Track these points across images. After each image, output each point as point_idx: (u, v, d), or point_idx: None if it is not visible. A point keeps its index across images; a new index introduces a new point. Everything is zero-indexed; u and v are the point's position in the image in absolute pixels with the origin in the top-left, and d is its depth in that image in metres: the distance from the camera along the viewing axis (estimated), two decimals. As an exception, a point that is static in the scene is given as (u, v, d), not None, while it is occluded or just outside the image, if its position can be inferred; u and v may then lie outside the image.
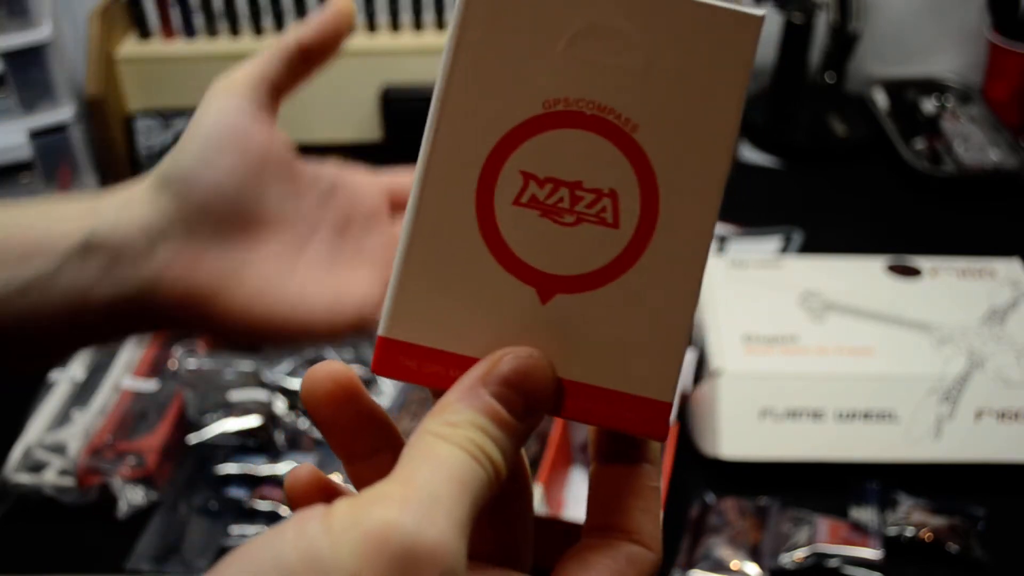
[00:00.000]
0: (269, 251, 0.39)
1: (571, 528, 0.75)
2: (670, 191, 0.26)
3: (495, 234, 0.26)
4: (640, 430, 0.27)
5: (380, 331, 0.26)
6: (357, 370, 0.89)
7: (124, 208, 0.38)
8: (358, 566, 0.21)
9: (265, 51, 0.40)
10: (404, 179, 0.45)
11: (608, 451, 0.29)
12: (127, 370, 0.88)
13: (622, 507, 0.28)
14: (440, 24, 1.16)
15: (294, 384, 0.85)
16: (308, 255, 0.40)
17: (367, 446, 0.27)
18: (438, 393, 0.26)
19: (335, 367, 0.26)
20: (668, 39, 0.25)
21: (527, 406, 0.25)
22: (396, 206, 0.44)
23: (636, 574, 0.27)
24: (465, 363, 0.26)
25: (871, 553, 0.72)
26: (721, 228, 1.10)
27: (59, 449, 0.80)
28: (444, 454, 0.24)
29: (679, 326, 0.26)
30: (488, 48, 0.25)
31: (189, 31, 1.16)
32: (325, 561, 0.21)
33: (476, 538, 0.24)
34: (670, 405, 0.27)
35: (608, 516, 0.28)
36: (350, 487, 0.27)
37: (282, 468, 0.79)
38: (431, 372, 0.26)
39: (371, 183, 0.44)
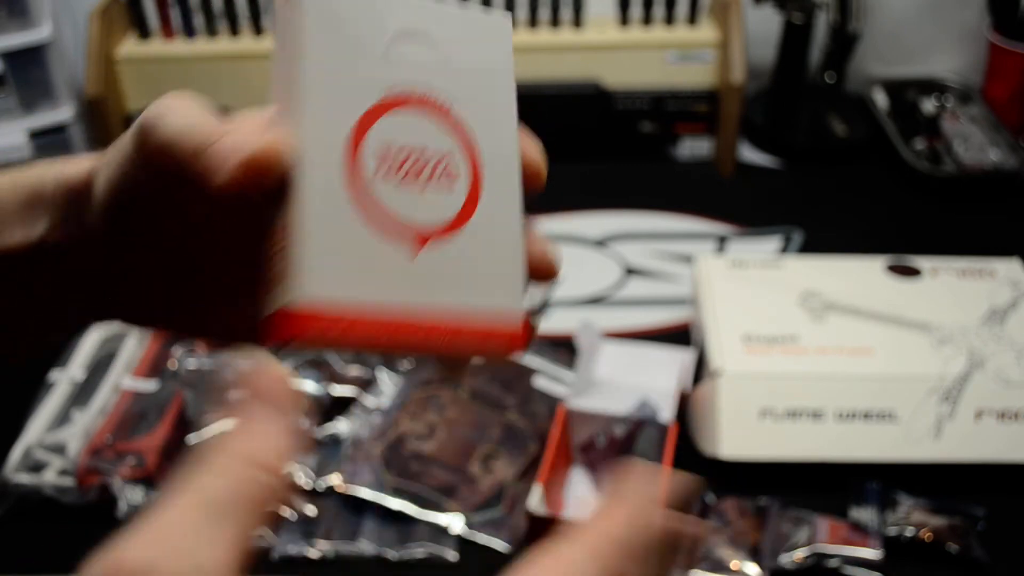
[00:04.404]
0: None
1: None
2: (485, 151, 0.33)
3: (367, 204, 0.31)
4: (505, 343, 0.33)
5: (290, 299, 0.29)
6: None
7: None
8: None
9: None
10: None
11: None
12: (127, 370, 0.88)
13: None
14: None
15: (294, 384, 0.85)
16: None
17: None
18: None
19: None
20: (456, 38, 0.33)
21: (277, 403, 0.27)
22: None
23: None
24: (362, 313, 0.30)
25: (871, 553, 0.72)
26: (721, 228, 1.10)
27: (59, 449, 0.80)
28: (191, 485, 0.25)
29: (517, 251, 0.33)
30: (331, 51, 0.31)
31: (189, 31, 1.16)
32: None
33: None
34: (523, 317, 0.33)
35: None
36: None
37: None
38: (338, 322, 0.30)
39: None
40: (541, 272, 0.34)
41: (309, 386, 0.85)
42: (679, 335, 0.93)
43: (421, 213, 0.31)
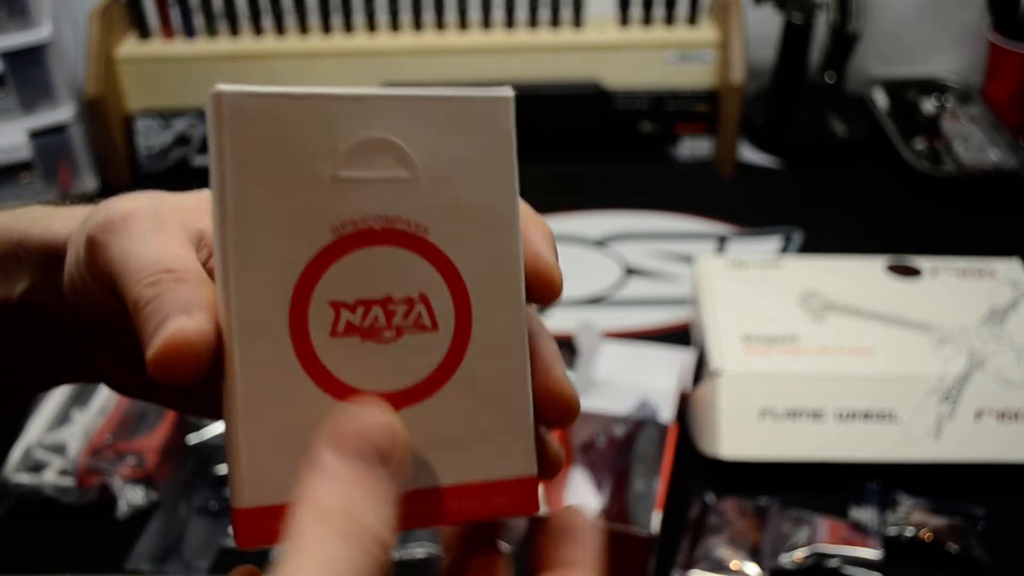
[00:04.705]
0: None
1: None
2: (474, 279, 0.27)
3: (322, 372, 0.25)
4: (516, 511, 0.28)
5: (236, 504, 0.25)
6: None
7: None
8: None
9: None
10: None
11: (471, 546, 0.29)
12: (127, 370, 0.88)
13: None
14: (440, 24, 1.16)
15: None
16: None
17: None
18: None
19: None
20: (430, 138, 0.26)
21: (380, 454, 0.24)
22: None
23: None
24: None
25: (871, 553, 0.72)
26: (721, 228, 1.10)
27: (59, 449, 0.80)
28: (318, 553, 0.22)
29: (521, 402, 0.27)
30: (261, 190, 0.25)
31: (189, 31, 1.16)
32: None
33: None
34: (536, 479, 0.28)
35: None
36: None
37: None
38: None
39: None
40: (558, 414, 0.29)
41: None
42: (679, 335, 0.93)
43: (391, 374, 0.26)
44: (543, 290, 0.28)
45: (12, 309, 0.32)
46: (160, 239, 0.27)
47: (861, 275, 0.89)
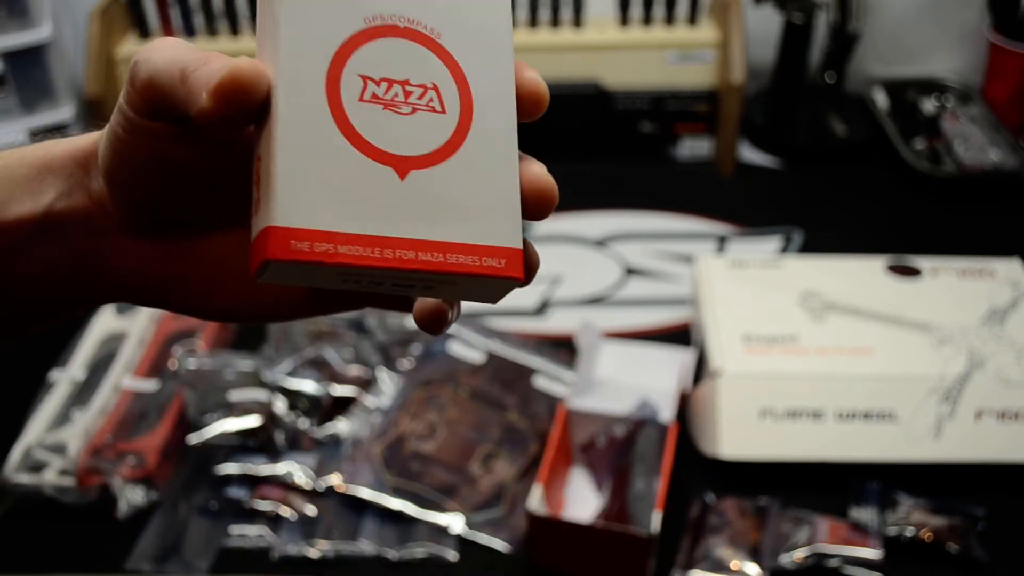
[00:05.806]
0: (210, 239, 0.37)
1: (572, 528, 0.75)
2: (476, 81, 0.33)
3: (350, 128, 0.31)
4: (502, 273, 0.32)
5: (269, 222, 0.29)
6: None
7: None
8: None
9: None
10: None
11: None
12: (127, 370, 0.88)
13: None
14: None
15: (294, 384, 0.85)
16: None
17: None
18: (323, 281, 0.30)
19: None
20: None
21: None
22: None
23: None
24: (350, 239, 0.30)
25: (871, 553, 0.72)
26: (721, 228, 1.10)
27: (59, 449, 0.80)
28: None
29: (511, 186, 0.33)
30: None
31: (189, 31, 1.16)
32: None
33: None
34: (520, 251, 0.33)
35: None
36: None
37: (282, 468, 0.79)
38: (322, 251, 0.29)
39: None
40: (538, 203, 0.33)
41: (309, 386, 0.85)
42: (679, 335, 0.93)
43: (406, 140, 0.31)
44: (533, 99, 0.34)
45: (38, 225, 0.34)
46: (196, 50, 0.31)
47: (861, 275, 0.89)
